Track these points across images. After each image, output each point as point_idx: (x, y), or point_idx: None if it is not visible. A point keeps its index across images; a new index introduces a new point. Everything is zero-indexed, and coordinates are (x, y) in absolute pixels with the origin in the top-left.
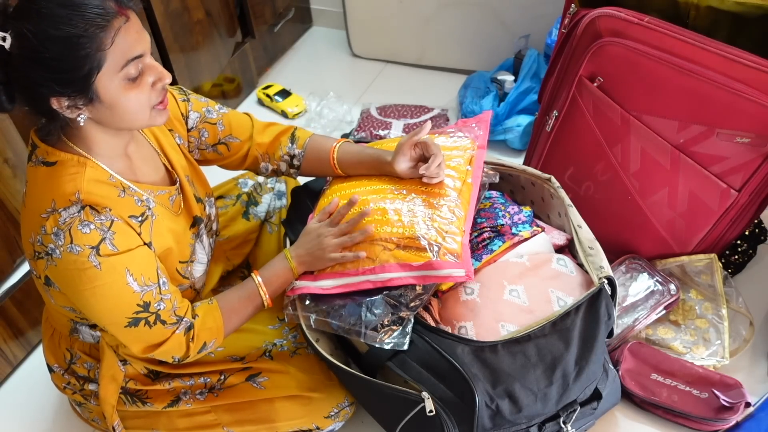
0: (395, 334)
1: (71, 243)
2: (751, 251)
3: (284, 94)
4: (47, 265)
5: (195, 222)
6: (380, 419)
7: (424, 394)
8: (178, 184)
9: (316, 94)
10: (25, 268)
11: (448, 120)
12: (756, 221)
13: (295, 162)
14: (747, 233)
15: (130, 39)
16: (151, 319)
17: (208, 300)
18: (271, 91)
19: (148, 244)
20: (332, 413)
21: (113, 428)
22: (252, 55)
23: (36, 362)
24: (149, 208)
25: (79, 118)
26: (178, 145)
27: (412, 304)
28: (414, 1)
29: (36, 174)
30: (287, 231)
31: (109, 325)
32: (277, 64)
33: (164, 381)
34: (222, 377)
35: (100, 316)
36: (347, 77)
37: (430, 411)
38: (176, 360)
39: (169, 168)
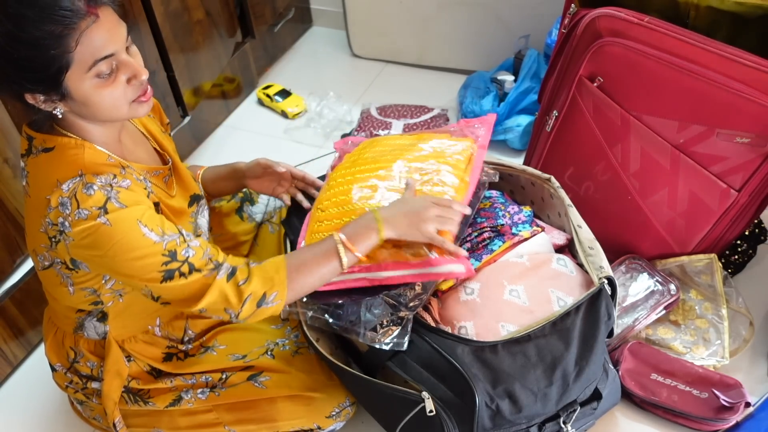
0: (394, 334)
1: (78, 208)
2: (751, 251)
3: (284, 94)
4: (66, 245)
5: (194, 199)
6: (380, 419)
7: (425, 394)
8: (170, 164)
9: (316, 94)
10: (25, 268)
11: (448, 120)
12: (756, 221)
13: None
14: (747, 233)
15: (98, 39)
16: (184, 268)
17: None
18: (271, 91)
19: (156, 204)
20: (333, 413)
21: (114, 425)
22: (252, 55)
23: (36, 362)
24: (147, 186)
25: (56, 111)
26: (162, 131)
27: (411, 304)
28: (414, 1)
29: (37, 162)
30: (287, 231)
31: (149, 285)
32: (277, 64)
33: (166, 379)
34: (223, 376)
35: (132, 276)
36: (347, 77)
37: (430, 411)
38: (232, 316)
39: (160, 151)
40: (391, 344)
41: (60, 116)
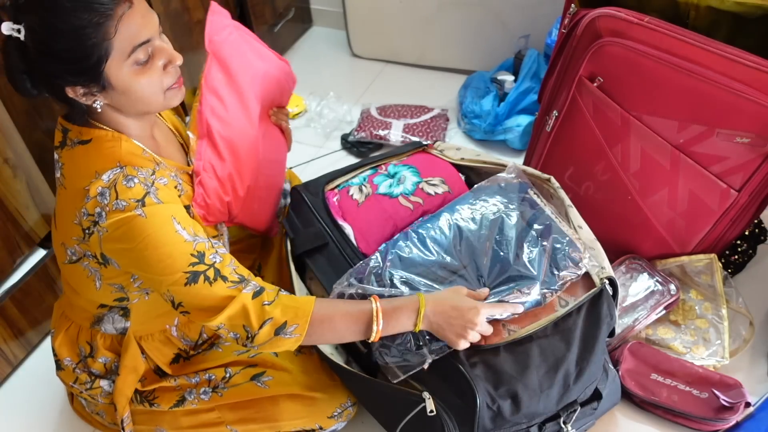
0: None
1: (117, 199)
2: (751, 251)
3: None
4: (100, 237)
5: None
6: (381, 419)
7: (425, 394)
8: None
9: (316, 94)
10: (25, 268)
11: (448, 120)
12: (756, 221)
13: None
14: (747, 233)
15: (135, 25)
16: (210, 273)
17: None
18: None
19: (187, 208)
20: (335, 413)
21: (122, 421)
22: None
23: (36, 362)
24: (179, 184)
25: (95, 104)
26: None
27: (434, 348)
28: (414, 1)
29: (73, 154)
30: (287, 230)
31: (172, 287)
32: None
33: (170, 377)
34: (227, 375)
35: (159, 273)
36: (347, 77)
37: (431, 411)
38: (249, 335)
39: (186, 147)
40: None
41: (99, 110)
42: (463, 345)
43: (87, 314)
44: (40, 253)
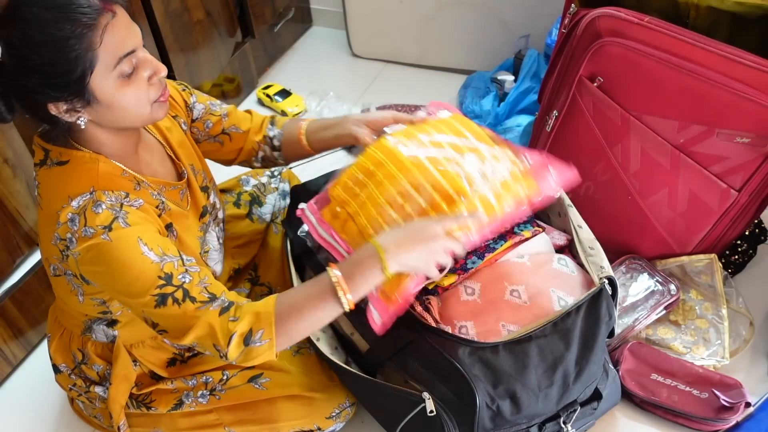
0: None
1: (85, 225)
2: (751, 251)
3: (284, 94)
4: (75, 260)
5: (203, 212)
6: (380, 419)
7: (425, 394)
8: (186, 179)
9: (316, 94)
10: (25, 268)
11: None
12: (756, 221)
13: (275, 143)
14: (747, 233)
15: (119, 35)
16: (179, 294)
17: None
18: (271, 91)
19: (168, 226)
20: (334, 414)
21: (118, 428)
22: (252, 55)
23: (36, 362)
24: (162, 202)
25: (79, 121)
26: (183, 131)
27: None
28: (414, 1)
29: (50, 174)
30: (287, 231)
31: (145, 309)
32: (277, 64)
33: (167, 380)
34: (224, 378)
35: (129, 296)
36: (347, 77)
37: (431, 411)
38: (221, 353)
39: (175, 160)
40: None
41: (83, 126)
42: (434, 272)
43: (76, 321)
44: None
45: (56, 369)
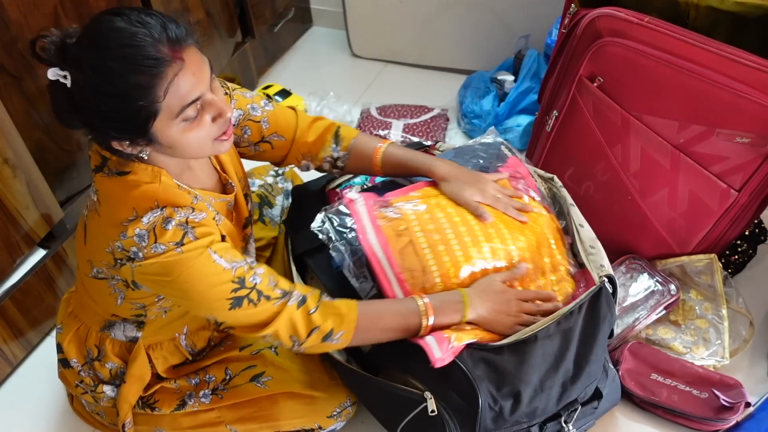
0: None
1: (155, 242)
2: (751, 251)
3: (284, 94)
4: (132, 270)
5: (246, 223)
6: (381, 418)
7: (427, 394)
8: (235, 191)
9: (316, 94)
10: (25, 268)
11: (448, 120)
12: (756, 221)
13: (339, 164)
14: (747, 233)
15: (185, 86)
16: (253, 295)
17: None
18: (271, 91)
19: (223, 237)
20: (335, 413)
21: (123, 426)
22: (252, 55)
23: (36, 362)
24: (217, 214)
25: (142, 154)
26: None
27: None
28: (414, 1)
29: (111, 184)
30: (288, 231)
31: (215, 312)
32: (277, 64)
33: (170, 379)
34: (227, 377)
35: (201, 303)
36: (347, 77)
37: (432, 411)
38: (296, 344)
39: (221, 172)
40: None
41: (146, 157)
42: (514, 330)
43: (99, 318)
44: (40, 253)
45: (65, 363)
